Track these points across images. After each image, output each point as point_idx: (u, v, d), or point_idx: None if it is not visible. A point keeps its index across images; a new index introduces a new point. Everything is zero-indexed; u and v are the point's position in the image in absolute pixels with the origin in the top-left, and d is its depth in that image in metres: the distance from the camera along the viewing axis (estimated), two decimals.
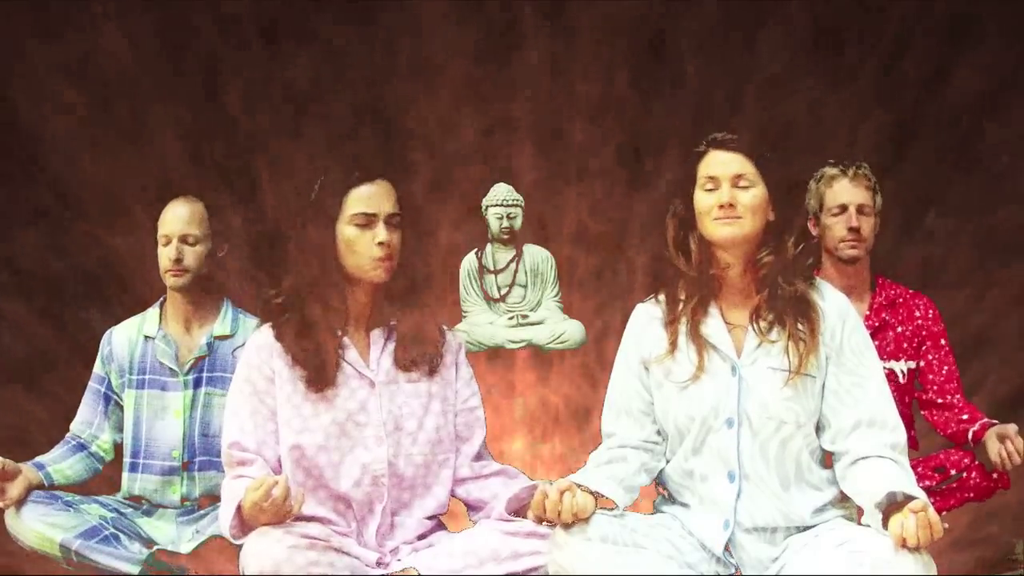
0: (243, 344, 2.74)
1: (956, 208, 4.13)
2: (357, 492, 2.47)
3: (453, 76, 4.06)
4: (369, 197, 2.49)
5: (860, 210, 3.08)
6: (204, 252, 3.08)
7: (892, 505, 2.12)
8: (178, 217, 3.08)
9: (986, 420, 3.03)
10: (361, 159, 2.62)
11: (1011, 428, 2.94)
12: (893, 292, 3.19)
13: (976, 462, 3.04)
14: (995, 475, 3.01)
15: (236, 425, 2.49)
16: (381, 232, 2.48)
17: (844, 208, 3.09)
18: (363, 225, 2.48)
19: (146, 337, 3.12)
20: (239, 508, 2.32)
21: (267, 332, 2.54)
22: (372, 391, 2.51)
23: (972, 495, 3.06)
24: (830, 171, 3.14)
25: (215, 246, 3.11)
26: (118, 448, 3.16)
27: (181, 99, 4.14)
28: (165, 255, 3.07)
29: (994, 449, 2.93)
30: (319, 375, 2.48)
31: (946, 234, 4.16)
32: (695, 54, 4.15)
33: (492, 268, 3.90)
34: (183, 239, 3.05)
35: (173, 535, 3.03)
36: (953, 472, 3.06)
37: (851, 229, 3.07)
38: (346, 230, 2.49)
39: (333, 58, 4.25)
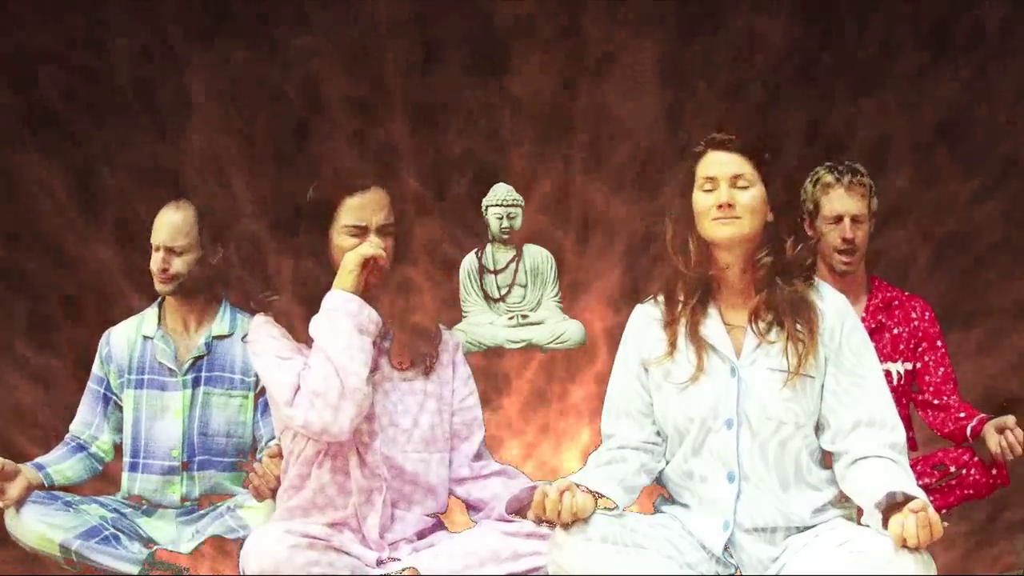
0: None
1: None
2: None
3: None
4: (361, 208, 2.48)
5: (854, 220, 3.09)
6: (193, 259, 3.08)
7: (892, 505, 2.11)
8: (166, 226, 3.07)
9: (984, 415, 3.03)
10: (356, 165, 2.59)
11: (1010, 419, 2.94)
12: (889, 294, 3.19)
13: (975, 459, 3.04)
14: (994, 471, 3.02)
15: (289, 385, 2.40)
16: (371, 243, 2.47)
17: (839, 219, 3.09)
18: (355, 236, 2.47)
19: (145, 337, 3.13)
20: None
21: (268, 318, 2.52)
22: None
23: (971, 492, 3.06)
24: (825, 177, 3.12)
25: (208, 251, 3.10)
26: (118, 449, 3.16)
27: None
28: (154, 262, 3.09)
29: (993, 441, 2.93)
30: None
31: None
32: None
33: (492, 268, 3.90)
34: (170, 250, 3.06)
35: (173, 535, 3.03)
36: (952, 469, 3.06)
37: (845, 240, 3.07)
38: (338, 238, 2.49)
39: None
